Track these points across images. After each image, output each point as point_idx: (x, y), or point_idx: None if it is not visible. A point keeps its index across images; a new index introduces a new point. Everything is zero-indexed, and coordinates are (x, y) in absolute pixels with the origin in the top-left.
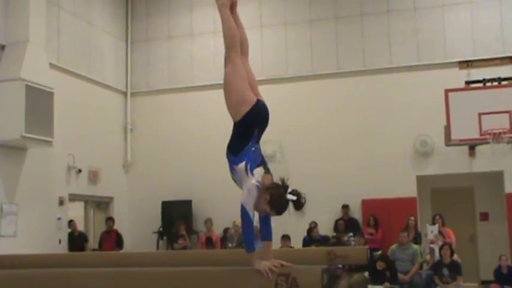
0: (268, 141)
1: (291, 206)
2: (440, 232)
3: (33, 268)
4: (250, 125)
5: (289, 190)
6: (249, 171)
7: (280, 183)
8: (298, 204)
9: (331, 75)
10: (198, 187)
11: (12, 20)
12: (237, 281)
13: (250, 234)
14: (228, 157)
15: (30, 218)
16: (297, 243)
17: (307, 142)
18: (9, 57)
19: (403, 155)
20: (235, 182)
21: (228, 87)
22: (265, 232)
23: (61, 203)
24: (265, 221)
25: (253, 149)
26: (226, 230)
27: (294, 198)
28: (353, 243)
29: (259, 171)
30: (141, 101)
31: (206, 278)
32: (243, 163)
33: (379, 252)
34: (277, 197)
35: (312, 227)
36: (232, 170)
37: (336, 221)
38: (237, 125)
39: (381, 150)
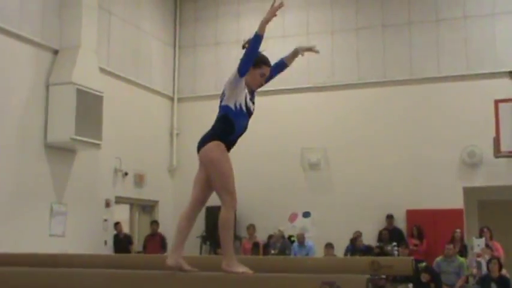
0: (313, 149)
1: None
2: (487, 245)
3: (81, 268)
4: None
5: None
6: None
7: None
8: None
9: (377, 84)
10: (241, 193)
11: (65, 26)
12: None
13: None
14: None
15: (78, 218)
16: (340, 252)
17: (352, 151)
18: (62, 61)
19: (450, 166)
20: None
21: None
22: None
23: (107, 205)
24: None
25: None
26: (270, 237)
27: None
28: (396, 253)
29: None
30: (187, 106)
31: (248, 284)
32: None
33: (424, 263)
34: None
35: (356, 237)
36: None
37: (380, 231)
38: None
39: (427, 160)
